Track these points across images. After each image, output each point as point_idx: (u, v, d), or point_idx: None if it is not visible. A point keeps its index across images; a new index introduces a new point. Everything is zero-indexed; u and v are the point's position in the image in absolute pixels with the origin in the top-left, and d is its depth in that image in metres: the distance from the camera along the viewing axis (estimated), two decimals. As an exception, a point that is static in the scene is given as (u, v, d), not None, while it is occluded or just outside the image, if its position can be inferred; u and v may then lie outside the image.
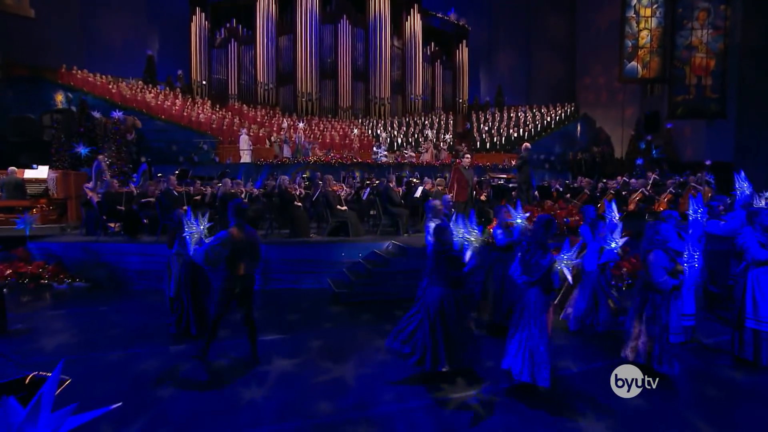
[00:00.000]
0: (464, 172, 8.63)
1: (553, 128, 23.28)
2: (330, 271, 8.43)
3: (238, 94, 23.88)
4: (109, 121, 13.58)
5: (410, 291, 7.80)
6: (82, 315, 7.07)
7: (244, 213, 5.09)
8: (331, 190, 9.12)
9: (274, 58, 24.16)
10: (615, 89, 26.31)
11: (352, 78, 24.95)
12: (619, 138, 26.23)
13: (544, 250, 4.31)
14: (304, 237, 9.09)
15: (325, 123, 22.94)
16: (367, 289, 7.60)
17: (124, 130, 16.57)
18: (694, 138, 23.45)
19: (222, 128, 18.69)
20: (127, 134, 16.20)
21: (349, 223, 9.10)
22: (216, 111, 20.80)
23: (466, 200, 8.65)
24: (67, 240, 9.01)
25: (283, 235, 9.48)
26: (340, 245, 8.54)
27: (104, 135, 13.32)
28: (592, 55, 27.01)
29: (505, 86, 28.24)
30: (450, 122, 24.61)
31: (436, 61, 26.91)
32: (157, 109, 17.85)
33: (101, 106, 16.03)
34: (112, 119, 13.66)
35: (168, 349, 5.58)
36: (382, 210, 9.42)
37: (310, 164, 16.63)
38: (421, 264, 7.76)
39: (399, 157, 18.19)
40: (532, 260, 4.32)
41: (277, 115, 22.79)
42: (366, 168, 17.30)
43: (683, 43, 22.03)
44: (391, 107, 25.46)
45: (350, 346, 5.69)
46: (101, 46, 22.11)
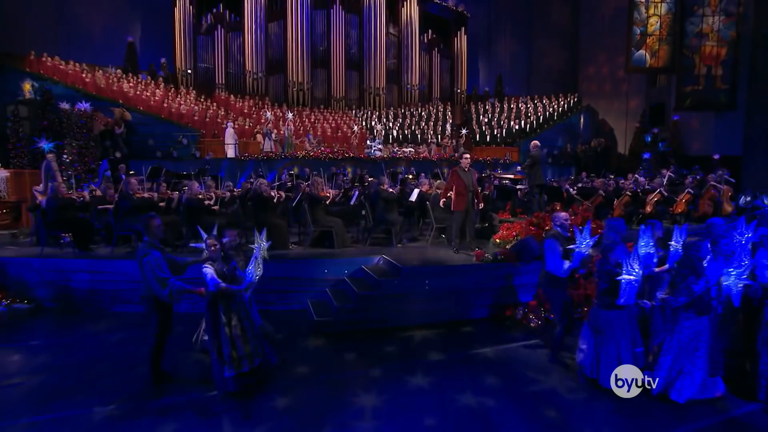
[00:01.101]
0: (463, 175, 7.32)
1: (555, 120, 21.91)
2: (311, 290, 7.15)
3: (225, 84, 22.40)
4: (75, 112, 12.12)
5: (403, 318, 6.59)
6: (9, 350, 5.79)
7: (156, 230, 4.33)
8: (314, 193, 7.80)
9: (264, 46, 22.65)
10: (619, 79, 24.93)
11: (345, 67, 23.49)
12: (622, 131, 24.91)
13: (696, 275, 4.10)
14: (282, 249, 7.79)
15: (317, 114, 21.53)
16: (354, 316, 6.33)
17: (113, 123, 15.17)
18: (701, 131, 22.15)
19: (205, 120, 17.28)
20: (115, 128, 14.81)
21: (334, 233, 7.81)
22: (200, 102, 19.35)
23: (465, 208, 7.36)
24: (4, 254, 7.68)
25: (259, 245, 8.18)
26: (323, 261, 7.25)
27: (68, 129, 11.87)
28: (596, 43, 25.57)
29: (505, 76, 26.82)
30: (448, 113, 23.21)
31: (433, 50, 25.43)
32: (135, 100, 16.40)
33: (72, 97, 14.56)
34: (78, 111, 12.21)
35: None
36: (372, 217, 8.13)
37: (298, 159, 15.28)
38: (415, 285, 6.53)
39: (396, 152, 16.83)
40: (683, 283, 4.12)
41: (266, 106, 21.35)
42: (359, 163, 15.96)
43: (693, 31, 20.63)
44: (387, 98, 24.04)
45: (332, 405, 4.43)
46: (79, 33, 20.52)
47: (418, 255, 7.54)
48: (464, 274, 6.68)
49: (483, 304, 6.82)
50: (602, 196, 9.99)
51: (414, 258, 7.31)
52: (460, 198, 7.28)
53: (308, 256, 7.55)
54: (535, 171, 9.17)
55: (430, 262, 7.05)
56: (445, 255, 7.48)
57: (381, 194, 7.99)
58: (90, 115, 12.14)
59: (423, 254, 7.61)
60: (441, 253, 7.63)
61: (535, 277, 7.01)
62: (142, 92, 17.05)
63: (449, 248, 7.87)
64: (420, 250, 7.94)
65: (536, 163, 9.12)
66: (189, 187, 7.84)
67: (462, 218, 7.45)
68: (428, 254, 7.62)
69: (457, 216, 7.40)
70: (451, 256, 7.43)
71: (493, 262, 6.76)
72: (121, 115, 15.35)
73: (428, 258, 7.31)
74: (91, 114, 14.41)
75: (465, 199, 7.30)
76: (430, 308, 6.60)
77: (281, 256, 7.46)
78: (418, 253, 7.74)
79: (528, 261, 6.87)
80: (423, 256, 7.48)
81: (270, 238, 7.96)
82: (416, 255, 7.54)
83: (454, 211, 7.41)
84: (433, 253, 7.73)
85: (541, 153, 9.16)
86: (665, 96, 23.53)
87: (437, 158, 16.86)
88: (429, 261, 7.10)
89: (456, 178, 7.32)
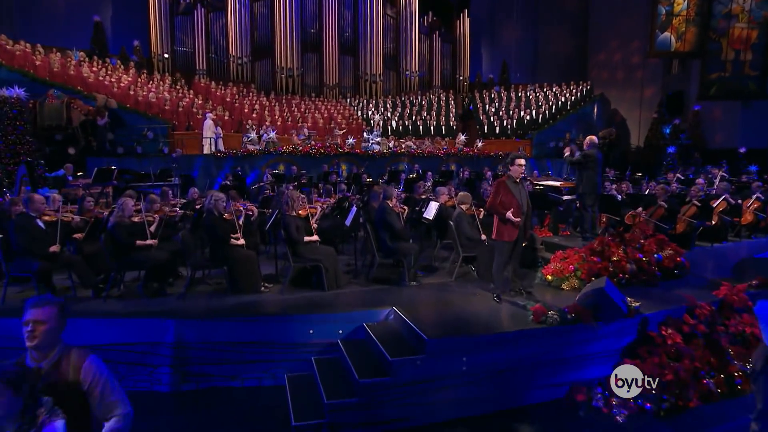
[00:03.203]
0: (513, 189, 4.93)
1: (569, 110, 19.48)
2: (291, 358, 4.77)
3: (207, 70, 19.71)
4: (3, 99, 9.54)
5: (429, 413, 4.25)
6: None
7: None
8: (290, 218, 5.37)
9: (249, 28, 19.95)
10: (633, 66, 22.50)
11: (339, 51, 20.89)
12: (635, 121, 22.57)
13: None
14: (252, 292, 5.39)
15: (308, 103, 18.95)
16: (355, 417, 3.97)
17: (94, 112, 12.69)
18: (725, 121, 19.87)
19: (177, 110, 14.68)
20: (98, 118, 12.34)
21: (323, 267, 5.40)
22: (175, 89, 16.71)
23: (516, 240, 5.00)
24: None
25: (217, 286, 5.77)
26: (308, 317, 4.85)
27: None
28: (608, 27, 23.07)
29: (510, 62, 24.30)
30: (452, 102, 20.70)
31: (434, 33, 22.81)
32: (95, 87, 13.75)
33: (18, 82, 11.93)
34: (9, 99, 9.62)
35: None
36: (376, 246, 5.73)
37: (285, 155, 12.78)
38: (446, 365, 4.18)
39: (395, 147, 14.36)
40: None
41: (251, 94, 18.74)
42: (355, 159, 13.49)
43: (721, 11, 18.20)
44: (384, 85, 21.47)
45: None
46: (38, 11, 17.70)
47: (441, 303, 5.17)
48: (517, 344, 4.33)
49: (542, 383, 4.48)
50: (664, 207, 7.63)
51: (436, 309, 4.95)
52: (510, 224, 4.88)
53: (286, 306, 5.14)
54: (590, 176, 6.80)
55: (463, 318, 4.68)
56: (480, 303, 5.11)
57: (388, 216, 5.56)
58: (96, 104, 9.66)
59: (448, 301, 5.24)
60: (475, 299, 5.25)
61: (617, 341, 4.70)
62: (105, 78, 14.39)
63: (482, 288, 5.52)
64: (443, 293, 5.56)
65: (592, 164, 6.74)
66: (120, 206, 5.37)
67: (509, 252, 5.06)
68: (456, 301, 5.24)
69: (502, 249, 5.01)
70: (488, 303, 5.07)
71: (561, 323, 4.40)
72: (104, 104, 12.89)
73: (458, 310, 4.93)
74: (99, 101, 12.10)
75: (517, 225, 4.92)
76: (468, 395, 4.25)
77: (247, 308, 5.05)
78: (440, 298, 5.37)
79: (609, 320, 4.54)
80: (449, 305, 5.11)
81: (232, 278, 5.59)
82: (439, 303, 5.17)
83: (497, 241, 5.02)
84: (462, 298, 5.36)
85: (597, 152, 6.78)
86: (684, 84, 21.17)
87: (443, 153, 14.42)
88: (461, 316, 4.73)
89: (503, 193, 4.91)
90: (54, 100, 12.16)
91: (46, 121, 12.06)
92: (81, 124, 12.52)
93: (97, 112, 12.71)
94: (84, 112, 12.71)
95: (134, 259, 5.18)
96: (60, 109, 12.20)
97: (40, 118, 12.03)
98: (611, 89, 22.89)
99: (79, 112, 12.67)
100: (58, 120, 12.12)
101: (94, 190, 9.17)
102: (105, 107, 12.88)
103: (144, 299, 5.25)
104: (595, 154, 6.85)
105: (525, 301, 5.00)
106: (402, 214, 5.90)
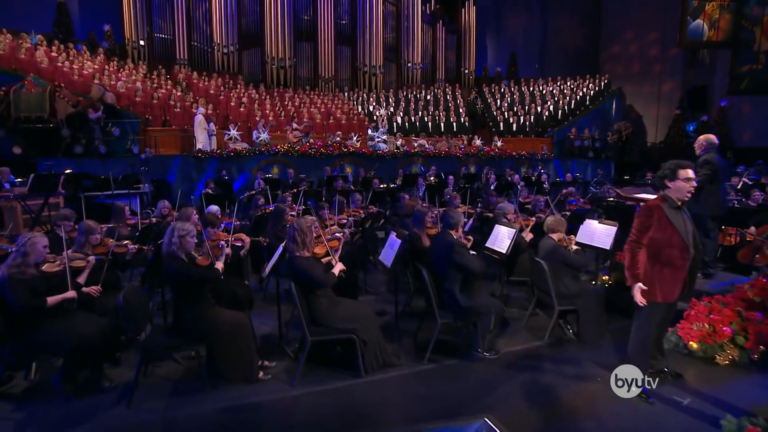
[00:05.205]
0: (674, 218, 2.91)
1: (588, 106, 17.58)
2: None
3: (188, 59, 17.36)
4: None
5: None
6: None
7: None
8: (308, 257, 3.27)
9: (236, 14, 17.64)
10: (650, 59, 20.70)
11: (335, 41, 18.69)
12: (653, 117, 20.79)
13: None
14: (239, 379, 3.26)
15: (302, 97, 16.74)
16: None
17: (85, 103, 10.43)
18: (754, 118, 18.14)
19: (152, 103, 12.36)
20: (89, 110, 10.10)
21: (358, 342, 3.30)
22: (150, 78, 14.38)
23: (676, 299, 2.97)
24: None
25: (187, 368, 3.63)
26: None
27: None
28: (622, 17, 21.24)
29: (517, 55, 22.36)
30: (459, 97, 18.65)
31: (437, 23, 20.71)
32: (50, 74, 11.39)
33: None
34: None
35: None
36: (437, 301, 3.62)
37: (279, 155, 10.59)
38: None
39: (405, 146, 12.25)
40: None
41: (238, 87, 16.46)
42: (362, 161, 11.36)
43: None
44: (384, 78, 19.34)
45: None
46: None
47: (548, 398, 3.12)
48: None
49: None
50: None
51: (547, 415, 2.90)
52: (670, 274, 2.87)
53: (298, 421, 3.03)
54: (712, 191, 4.80)
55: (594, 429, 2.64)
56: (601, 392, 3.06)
57: (460, 257, 3.47)
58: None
59: (555, 393, 3.19)
60: (594, 388, 3.20)
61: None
62: (64, 63, 12.02)
63: (598, 362, 3.48)
64: (541, 376, 3.49)
65: (715, 172, 4.75)
66: (22, 249, 3.19)
67: (663, 318, 3.04)
68: (569, 393, 3.19)
69: (651, 314, 2.98)
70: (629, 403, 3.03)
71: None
72: (98, 94, 10.61)
73: (584, 416, 2.89)
74: (93, 91, 9.90)
75: (680, 276, 2.90)
76: None
77: (235, 418, 2.93)
78: (543, 387, 3.31)
79: None
80: (563, 403, 3.06)
81: (212, 359, 3.43)
82: (547, 398, 3.12)
83: (650, 303, 2.97)
84: (577, 386, 3.30)
85: (718, 157, 4.80)
86: (707, 78, 19.44)
87: (462, 153, 12.36)
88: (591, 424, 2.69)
89: (660, 226, 2.89)
90: (34, 89, 9.99)
91: (22, 112, 9.92)
92: (67, 117, 10.31)
93: (89, 104, 10.49)
94: (72, 102, 10.50)
95: (41, 337, 3.02)
96: (41, 99, 10.04)
97: (15, 108, 9.88)
98: (626, 83, 21.06)
99: (66, 103, 10.45)
100: (38, 111, 9.99)
101: (33, 201, 6.94)
102: (100, 99, 10.66)
103: (61, 401, 3.10)
104: (716, 159, 4.85)
105: (683, 398, 2.99)
106: (469, 243, 3.79)
